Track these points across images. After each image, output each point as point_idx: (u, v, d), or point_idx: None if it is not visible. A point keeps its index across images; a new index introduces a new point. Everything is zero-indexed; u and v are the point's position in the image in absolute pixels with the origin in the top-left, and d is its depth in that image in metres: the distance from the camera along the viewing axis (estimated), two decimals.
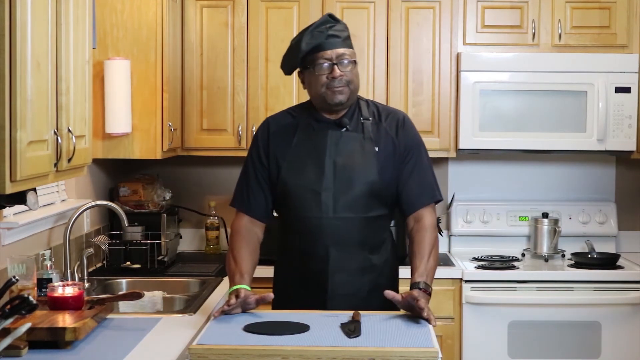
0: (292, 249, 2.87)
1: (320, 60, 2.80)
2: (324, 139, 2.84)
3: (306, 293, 2.83)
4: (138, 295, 2.83)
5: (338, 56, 2.80)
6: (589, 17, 4.26)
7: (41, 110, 2.36)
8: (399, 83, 4.24)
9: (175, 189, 4.47)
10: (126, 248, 3.89)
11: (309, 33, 2.81)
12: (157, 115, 3.86)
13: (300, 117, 2.91)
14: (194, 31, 4.23)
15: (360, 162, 2.82)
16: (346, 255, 2.82)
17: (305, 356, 2.28)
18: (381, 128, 2.89)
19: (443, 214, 4.55)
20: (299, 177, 2.82)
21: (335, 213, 2.79)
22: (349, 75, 2.81)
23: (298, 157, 2.84)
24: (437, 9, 4.24)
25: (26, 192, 2.47)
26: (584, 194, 4.64)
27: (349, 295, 2.82)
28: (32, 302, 2.12)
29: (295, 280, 2.86)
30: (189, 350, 2.30)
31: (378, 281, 2.87)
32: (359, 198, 2.81)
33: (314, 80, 2.82)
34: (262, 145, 2.89)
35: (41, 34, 2.34)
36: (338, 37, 2.82)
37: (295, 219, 2.84)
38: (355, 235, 2.82)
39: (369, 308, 2.75)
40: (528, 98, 4.20)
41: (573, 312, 4.01)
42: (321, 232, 2.80)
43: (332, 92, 2.80)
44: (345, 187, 2.80)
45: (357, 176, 2.81)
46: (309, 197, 2.80)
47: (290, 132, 2.89)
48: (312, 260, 2.82)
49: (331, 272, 2.81)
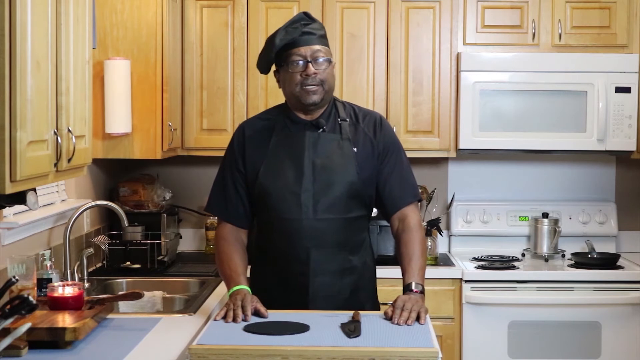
0: (272, 250, 2.84)
1: (295, 57, 2.75)
2: (302, 140, 2.80)
3: (287, 295, 2.80)
4: (138, 295, 2.83)
5: (312, 53, 2.75)
6: (589, 17, 4.26)
7: (41, 110, 2.36)
8: (399, 83, 4.24)
9: (175, 189, 4.47)
10: (126, 248, 3.89)
11: (283, 29, 2.77)
12: (157, 115, 3.86)
13: (275, 118, 2.86)
14: (194, 31, 4.23)
15: (339, 163, 2.79)
16: (327, 257, 2.79)
17: (305, 356, 2.28)
18: (359, 129, 2.85)
19: (443, 214, 4.55)
20: (277, 179, 2.78)
21: (315, 214, 2.76)
22: (322, 74, 2.76)
23: (276, 159, 2.80)
24: (437, 9, 4.24)
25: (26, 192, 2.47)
26: (584, 194, 4.64)
27: (331, 296, 2.80)
28: (32, 302, 2.12)
29: (275, 282, 2.83)
30: (189, 350, 2.30)
31: (358, 283, 2.86)
32: (339, 199, 2.78)
33: (288, 78, 2.78)
34: (238, 150, 2.85)
35: (41, 34, 2.34)
36: (313, 34, 2.77)
37: (274, 221, 2.80)
38: (335, 236, 2.79)
39: (349, 309, 2.73)
40: (528, 98, 4.20)
41: (573, 312, 4.01)
42: (302, 234, 2.76)
43: (306, 92, 2.75)
44: (324, 188, 2.77)
45: (336, 177, 2.78)
46: (288, 199, 2.77)
47: (266, 134, 2.84)
48: (292, 262, 2.79)
49: (312, 274, 2.78)
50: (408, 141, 4.24)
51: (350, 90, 4.25)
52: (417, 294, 2.68)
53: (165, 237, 4.07)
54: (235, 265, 2.79)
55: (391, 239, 4.15)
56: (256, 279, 2.92)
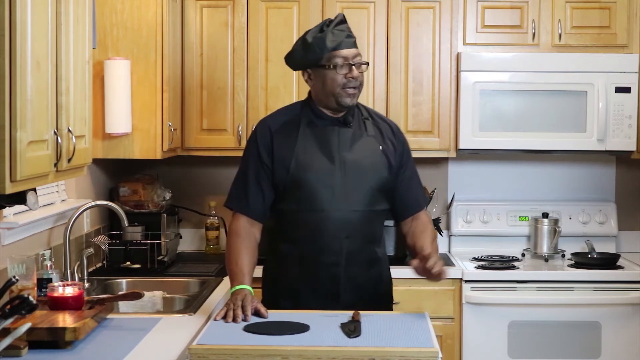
0: (301, 242, 2.89)
1: (339, 59, 2.85)
2: (331, 135, 2.89)
3: (318, 285, 2.86)
4: (138, 295, 2.83)
5: (354, 56, 2.86)
6: (589, 17, 4.26)
7: (41, 110, 2.36)
8: (399, 83, 4.24)
9: (175, 189, 4.47)
10: (126, 248, 3.89)
11: (330, 31, 2.86)
12: (157, 115, 3.86)
13: (300, 113, 2.94)
14: (194, 31, 4.23)
15: (368, 158, 2.89)
16: (358, 248, 2.89)
17: (305, 356, 2.28)
18: (380, 129, 2.98)
19: (443, 214, 4.55)
20: (310, 171, 2.85)
21: (348, 206, 2.85)
22: (361, 78, 2.88)
23: (306, 152, 2.87)
24: (437, 9, 4.24)
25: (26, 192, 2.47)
26: (584, 194, 4.64)
27: (359, 286, 2.90)
28: (32, 302, 2.12)
29: (304, 273, 2.88)
30: (189, 350, 2.30)
31: (382, 273, 2.99)
32: (369, 192, 2.88)
33: (330, 78, 2.86)
34: (264, 145, 2.90)
35: (41, 34, 2.34)
36: (352, 38, 2.89)
37: (307, 214, 2.86)
38: (365, 228, 2.89)
39: (375, 299, 2.91)
40: (528, 98, 4.20)
41: (573, 312, 4.01)
42: (335, 225, 2.84)
43: (347, 93, 2.85)
44: (355, 182, 2.86)
45: (366, 171, 2.88)
46: (322, 191, 2.84)
47: (293, 128, 2.91)
48: (325, 252, 2.86)
49: (345, 264, 2.87)
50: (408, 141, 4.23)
51: None
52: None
53: (165, 237, 4.07)
54: (243, 263, 2.82)
55: (391, 238, 4.16)
56: (279, 273, 2.93)
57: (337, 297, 2.87)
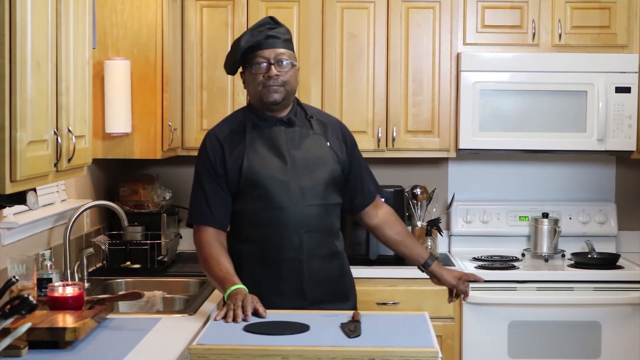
0: (260, 241, 2.89)
1: (259, 59, 2.86)
2: (278, 135, 2.90)
3: (282, 282, 2.87)
4: (138, 295, 2.83)
5: (276, 55, 2.86)
6: (589, 17, 4.26)
7: (41, 110, 2.36)
8: (399, 83, 4.24)
9: (175, 189, 4.47)
10: (126, 248, 3.89)
11: (248, 32, 2.88)
12: (157, 115, 3.85)
13: (244, 119, 2.95)
14: (194, 31, 4.23)
15: (317, 153, 2.92)
16: (318, 242, 2.90)
17: (305, 356, 2.28)
18: (326, 126, 3.00)
19: (443, 214, 4.55)
20: (263, 169, 2.86)
21: (305, 201, 2.87)
22: (285, 76, 2.87)
23: (256, 153, 2.88)
24: (437, 9, 4.24)
25: (26, 192, 2.47)
26: (584, 194, 4.64)
27: (324, 280, 2.91)
28: (32, 302, 2.12)
29: (266, 272, 2.88)
30: (189, 350, 2.30)
31: (343, 267, 3.01)
32: (322, 186, 2.90)
33: (252, 79, 2.89)
34: (214, 155, 2.90)
35: (41, 34, 2.34)
36: (277, 38, 2.88)
37: (265, 212, 2.87)
38: (322, 222, 2.91)
39: (341, 292, 2.95)
40: (528, 98, 4.20)
41: (573, 312, 4.01)
42: (294, 221, 2.85)
43: (268, 90, 2.86)
44: (308, 177, 2.88)
45: (317, 166, 2.90)
46: (278, 188, 2.85)
47: (239, 134, 2.92)
48: (286, 249, 2.86)
49: (306, 258, 2.88)
50: (408, 141, 4.25)
51: (350, 90, 4.25)
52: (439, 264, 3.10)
53: (165, 237, 4.07)
54: (226, 267, 2.82)
55: None
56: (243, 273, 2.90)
57: (303, 294, 2.87)
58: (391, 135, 4.23)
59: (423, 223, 4.39)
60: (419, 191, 4.45)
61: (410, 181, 4.54)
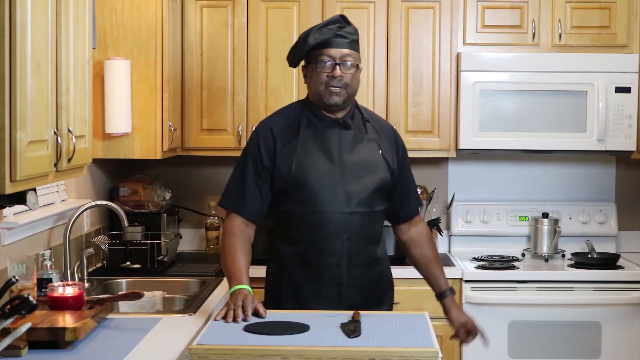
0: (302, 243, 2.88)
1: (324, 57, 2.84)
2: (331, 137, 2.89)
3: (320, 286, 2.87)
4: (138, 295, 2.83)
5: (342, 56, 2.85)
6: (589, 17, 4.26)
7: (41, 110, 2.36)
8: (399, 83, 4.24)
9: (175, 189, 4.47)
10: (126, 248, 3.89)
11: (318, 29, 2.86)
12: (157, 115, 3.86)
13: (300, 115, 2.93)
14: (194, 31, 4.23)
15: (368, 159, 2.90)
16: (359, 249, 2.89)
17: (305, 356, 2.28)
18: (380, 132, 2.98)
19: (443, 214, 4.55)
20: (311, 173, 2.85)
21: (349, 207, 2.86)
22: (348, 78, 2.85)
23: (307, 154, 2.87)
24: (437, 9, 4.24)
25: (26, 192, 2.47)
26: (584, 194, 4.64)
27: (362, 287, 2.91)
28: (32, 302, 2.12)
29: (305, 275, 2.88)
30: (189, 350, 2.30)
31: (382, 273, 3.00)
32: (369, 193, 2.88)
33: (315, 76, 2.87)
34: (265, 147, 2.90)
35: (41, 34, 2.34)
36: (345, 38, 2.87)
37: (309, 214, 2.86)
38: (365, 229, 2.90)
39: (376, 299, 2.94)
40: (528, 98, 4.20)
41: (573, 312, 4.01)
42: (337, 227, 2.85)
43: (330, 91, 2.85)
44: (356, 183, 2.86)
45: (366, 172, 2.88)
46: (323, 192, 2.85)
47: (293, 130, 2.91)
48: (327, 254, 2.86)
49: (347, 265, 2.87)
50: (408, 141, 4.22)
51: None
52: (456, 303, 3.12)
53: (165, 237, 4.07)
54: (240, 263, 2.81)
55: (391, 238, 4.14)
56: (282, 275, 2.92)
57: (341, 299, 2.87)
58: None
59: None
60: (419, 191, 4.45)
61: None
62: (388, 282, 3.05)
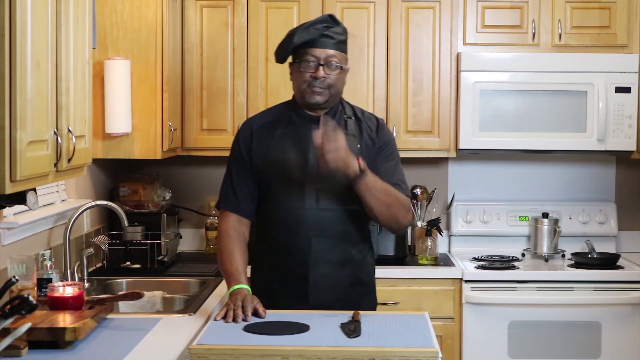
0: (273, 241, 2.89)
1: (308, 57, 2.83)
2: (308, 133, 2.84)
3: (287, 285, 2.85)
4: (138, 295, 2.83)
5: (327, 57, 2.83)
6: (589, 17, 4.26)
7: (41, 110, 2.36)
8: (399, 83, 4.24)
9: (175, 189, 4.47)
10: (126, 248, 3.89)
11: (305, 28, 2.84)
12: (157, 115, 3.86)
13: (282, 113, 2.95)
14: (194, 31, 4.23)
15: None
16: (328, 247, 2.85)
17: (305, 356, 2.28)
18: (362, 126, 2.94)
19: (443, 214, 4.55)
20: (281, 169, 2.85)
21: (318, 204, 2.83)
22: (332, 79, 2.84)
23: (280, 150, 2.86)
24: (437, 9, 4.24)
25: (26, 192, 2.47)
26: (584, 194, 4.64)
27: (331, 287, 2.86)
28: (32, 302, 2.12)
29: (275, 272, 2.88)
30: (189, 350, 2.30)
31: (357, 276, 2.92)
32: (342, 191, 2.82)
33: (298, 75, 2.87)
34: (244, 143, 2.93)
35: (41, 34, 2.34)
36: (332, 39, 2.84)
37: (277, 211, 2.87)
38: (336, 227, 2.86)
39: (349, 301, 2.84)
40: (528, 98, 4.20)
41: (573, 312, 4.01)
42: (304, 224, 2.83)
43: (312, 91, 2.84)
44: (328, 180, 2.81)
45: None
46: (293, 189, 2.84)
47: (272, 127, 2.92)
48: (294, 251, 2.84)
49: (313, 263, 2.84)
50: (408, 141, 4.24)
51: (350, 90, 4.23)
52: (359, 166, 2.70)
53: (165, 237, 4.07)
54: (237, 263, 2.82)
55: (391, 238, 4.16)
56: (257, 271, 2.96)
57: (306, 298, 2.84)
58: None
59: (423, 223, 4.39)
60: (419, 191, 4.45)
61: (410, 181, 4.51)
62: (367, 285, 2.97)
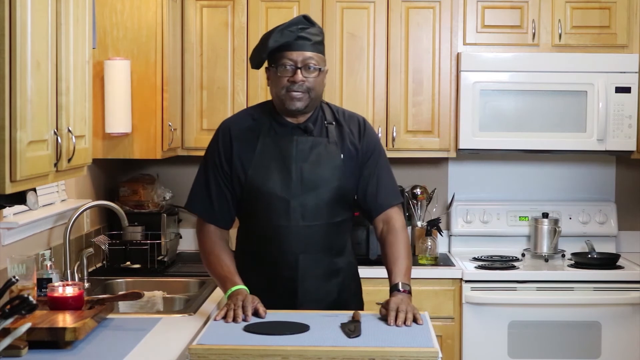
0: (258, 255, 2.83)
1: (285, 60, 2.72)
2: (290, 145, 2.78)
3: (275, 299, 2.77)
4: (138, 295, 2.83)
5: (304, 59, 2.72)
6: (589, 17, 4.26)
7: (41, 110, 2.36)
8: (399, 83, 4.24)
9: (175, 189, 4.47)
10: (126, 248, 3.89)
11: (279, 30, 2.73)
12: (157, 115, 3.86)
13: (261, 119, 2.83)
14: (194, 31, 4.23)
15: (326, 168, 2.78)
16: (314, 262, 2.80)
17: (305, 356, 2.28)
18: (344, 131, 2.84)
19: (443, 214, 4.55)
20: (266, 185, 2.76)
21: (304, 221, 2.76)
22: (311, 82, 2.73)
23: (264, 164, 2.78)
24: (437, 9, 4.24)
25: (26, 192, 2.47)
26: (584, 194, 4.64)
27: (319, 299, 2.82)
28: (32, 302, 2.12)
29: (262, 286, 2.79)
30: (189, 350, 2.30)
31: (344, 283, 2.89)
32: (326, 204, 2.78)
33: (276, 80, 2.75)
34: (224, 151, 2.81)
35: (41, 34, 2.34)
36: (308, 40, 2.73)
37: (263, 227, 2.79)
38: (322, 241, 2.80)
39: (337, 307, 2.80)
40: (528, 98, 4.20)
41: (573, 312, 4.01)
42: (290, 240, 2.76)
43: (291, 97, 2.73)
44: (312, 194, 2.76)
45: (323, 182, 2.77)
46: (278, 205, 2.75)
47: (253, 136, 2.81)
48: (281, 267, 2.79)
49: (301, 279, 2.79)
50: (408, 141, 4.25)
51: (350, 90, 4.25)
52: (405, 294, 2.67)
53: (165, 237, 4.07)
54: (227, 265, 2.77)
55: None
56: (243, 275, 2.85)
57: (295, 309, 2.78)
58: (391, 135, 4.23)
59: (423, 223, 4.39)
60: (419, 191, 4.46)
61: (410, 181, 4.54)
62: (352, 288, 2.94)
